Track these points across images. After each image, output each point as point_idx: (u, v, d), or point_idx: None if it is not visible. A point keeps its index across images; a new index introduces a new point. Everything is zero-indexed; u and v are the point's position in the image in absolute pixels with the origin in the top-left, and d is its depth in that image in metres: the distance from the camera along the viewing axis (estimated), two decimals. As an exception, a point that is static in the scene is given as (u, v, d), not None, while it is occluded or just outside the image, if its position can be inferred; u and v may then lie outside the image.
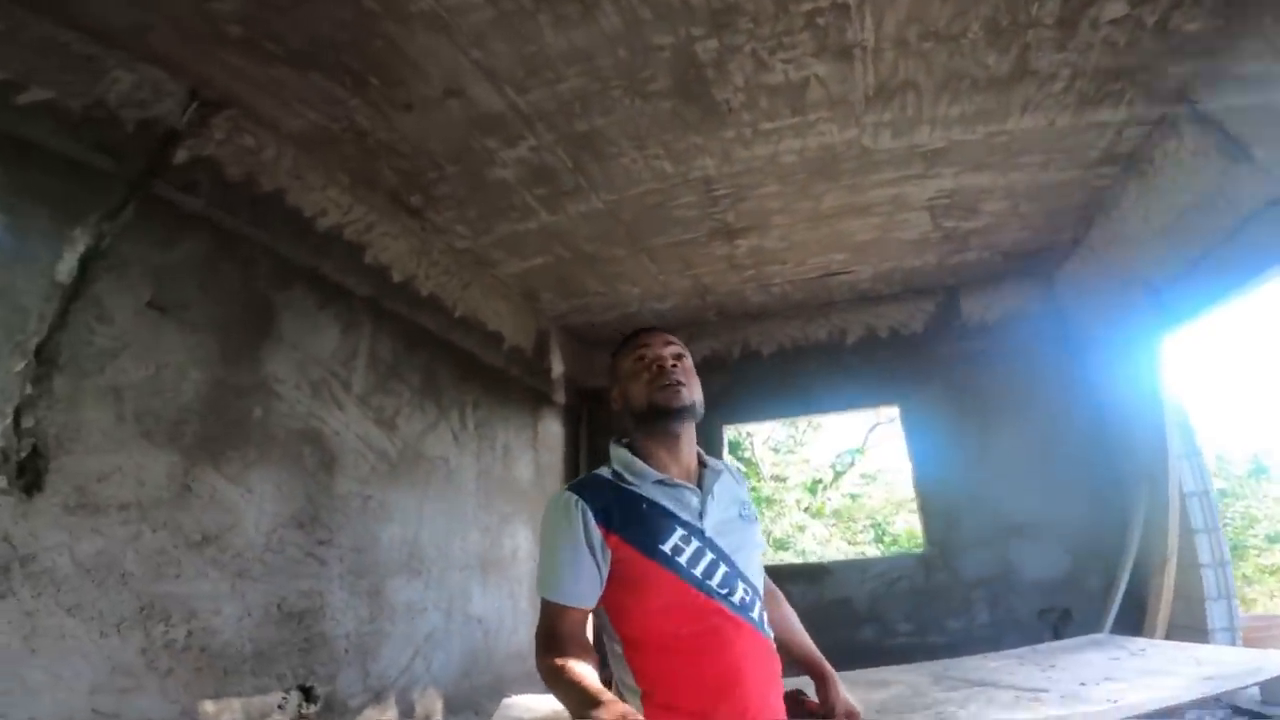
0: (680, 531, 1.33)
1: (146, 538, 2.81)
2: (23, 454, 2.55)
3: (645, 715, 1.17)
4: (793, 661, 1.56)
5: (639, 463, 1.39)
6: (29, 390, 2.59)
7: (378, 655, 3.63)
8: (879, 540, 10.99)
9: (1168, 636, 3.96)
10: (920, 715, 2.79)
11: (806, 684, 1.55)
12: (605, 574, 1.30)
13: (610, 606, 1.33)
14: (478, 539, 4.67)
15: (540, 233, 4.28)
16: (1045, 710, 2.61)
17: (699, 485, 1.42)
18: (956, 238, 4.54)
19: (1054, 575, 4.78)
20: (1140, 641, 3.76)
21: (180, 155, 3.01)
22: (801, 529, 11.02)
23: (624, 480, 1.39)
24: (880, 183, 3.84)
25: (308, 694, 3.26)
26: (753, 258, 4.64)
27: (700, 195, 3.89)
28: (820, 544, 10.99)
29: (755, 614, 1.34)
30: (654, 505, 1.35)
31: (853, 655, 4.68)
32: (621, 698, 1.26)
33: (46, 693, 2.41)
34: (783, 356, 5.66)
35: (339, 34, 2.64)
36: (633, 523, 1.32)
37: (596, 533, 1.30)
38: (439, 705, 4.01)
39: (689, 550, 1.31)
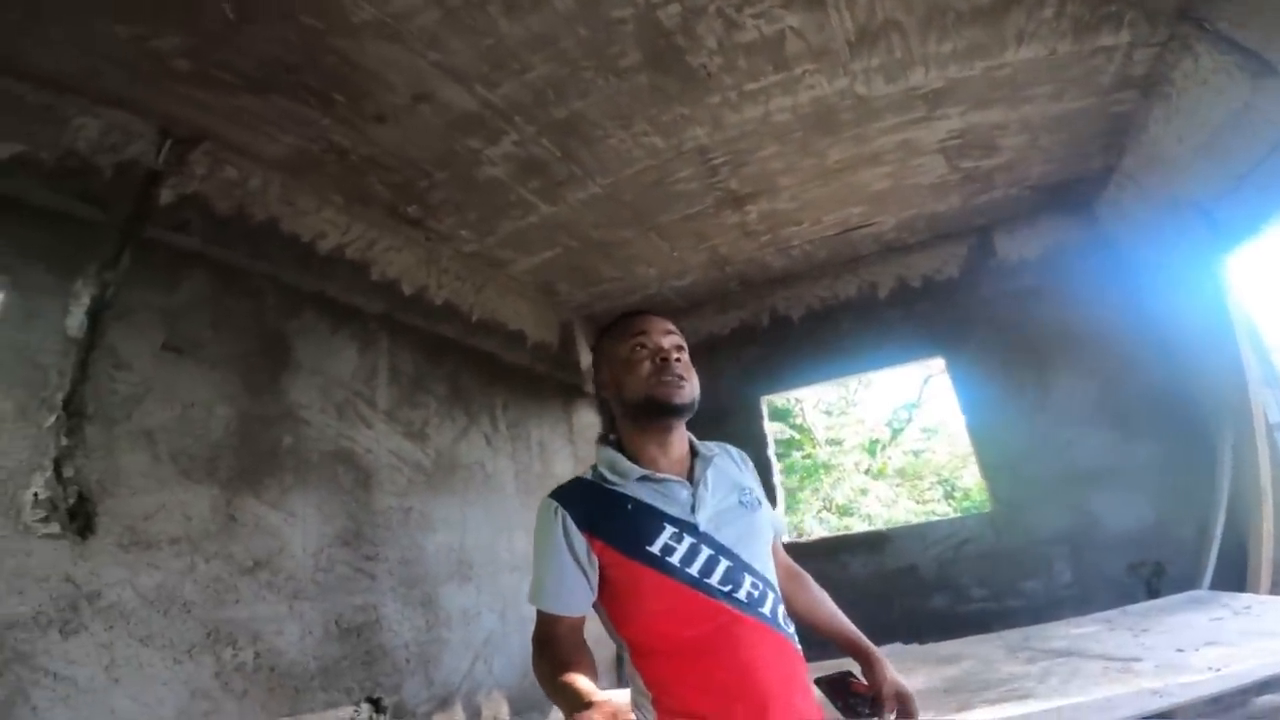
0: (670, 530, 1.24)
1: (201, 568, 2.94)
2: (70, 501, 2.69)
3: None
4: (834, 645, 1.45)
5: (623, 460, 1.31)
6: (64, 442, 2.71)
7: (439, 662, 3.71)
8: (948, 497, 10.59)
9: (1276, 589, 3.61)
10: (993, 693, 2.61)
11: (855, 665, 1.43)
12: (595, 580, 1.24)
13: (610, 611, 1.27)
14: (524, 539, 4.71)
15: (543, 226, 4.23)
16: (1138, 682, 2.37)
17: (691, 477, 1.32)
18: (978, 177, 4.26)
19: (1139, 526, 4.39)
20: (1245, 598, 3.42)
21: (165, 195, 3.07)
22: (864, 492, 10.72)
23: (606, 481, 1.31)
24: (884, 130, 3.63)
25: (376, 705, 3.35)
26: (766, 222, 4.47)
27: (698, 166, 3.75)
28: (886, 506, 10.68)
29: (767, 609, 1.23)
30: (639, 504, 1.27)
31: (924, 626, 4.51)
32: (636, 704, 1.22)
33: None
34: (814, 319, 5.46)
35: (288, 55, 2.62)
36: (617, 525, 1.25)
37: (581, 539, 1.24)
38: (504, 708, 4.07)
39: (681, 548, 1.22)
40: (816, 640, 1.43)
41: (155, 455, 2.94)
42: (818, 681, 1.41)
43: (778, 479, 5.48)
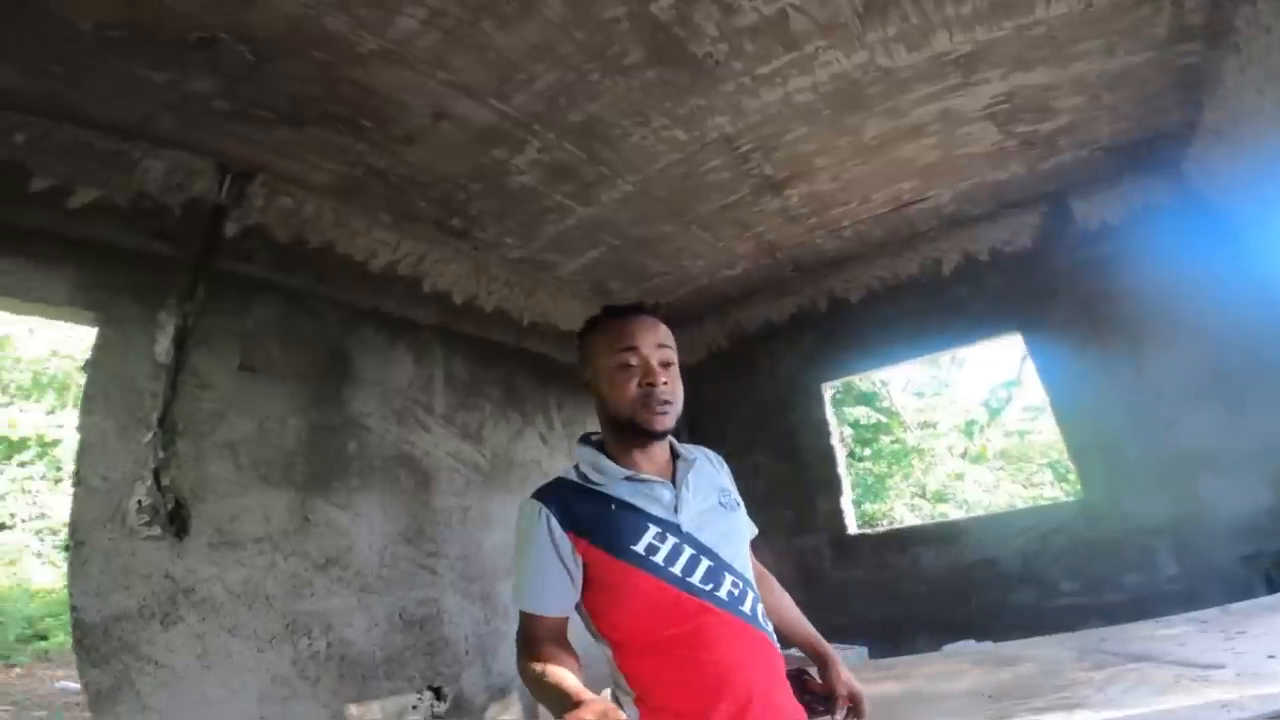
0: (654, 529, 1.24)
1: (280, 565, 3.27)
2: (169, 506, 3.05)
3: (641, 719, 1.17)
4: (795, 646, 1.47)
5: (606, 461, 1.31)
6: (160, 455, 3.07)
7: (496, 654, 3.90)
8: (1061, 480, 9.74)
9: None
10: (1040, 701, 2.44)
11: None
12: (578, 579, 1.26)
13: (591, 611, 1.28)
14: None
15: (583, 227, 4.30)
16: (1208, 693, 2.13)
17: (673, 478, 1.33)
18: (1039, 142, 3.92)
19: (1254, 511, 3.88)
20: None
21: (230, 229, 3.40)
22: (960, 477, 10.08)
23: (590, 481, 1.30)
24: (918, 101, 3.42)
25: (438, 693, 3.59)
26: (809, 205, 4.32)
27: (726, 155, 3.68)
28: (987, 491, 10.01)
29: (747, 608, 1.24)
30: (623, 504, 1.27)
31: (1005, 623, 4.24)
32: (617, 702, 1.25)
33: (224, 704, 2.93)
34: (875, 300, 5.21)
35: (309, 88, 2.83)
36: (601, 525, 1.25)
37: (565, 539, 1.24)
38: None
39: (665, 548, 1.23)
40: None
41: (238, 464, 3.27)
42: (790, 675, 1.44)
43: (843, 468, 5.29)
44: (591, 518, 1.26)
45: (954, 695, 2.66)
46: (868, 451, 10.81)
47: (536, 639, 1.26)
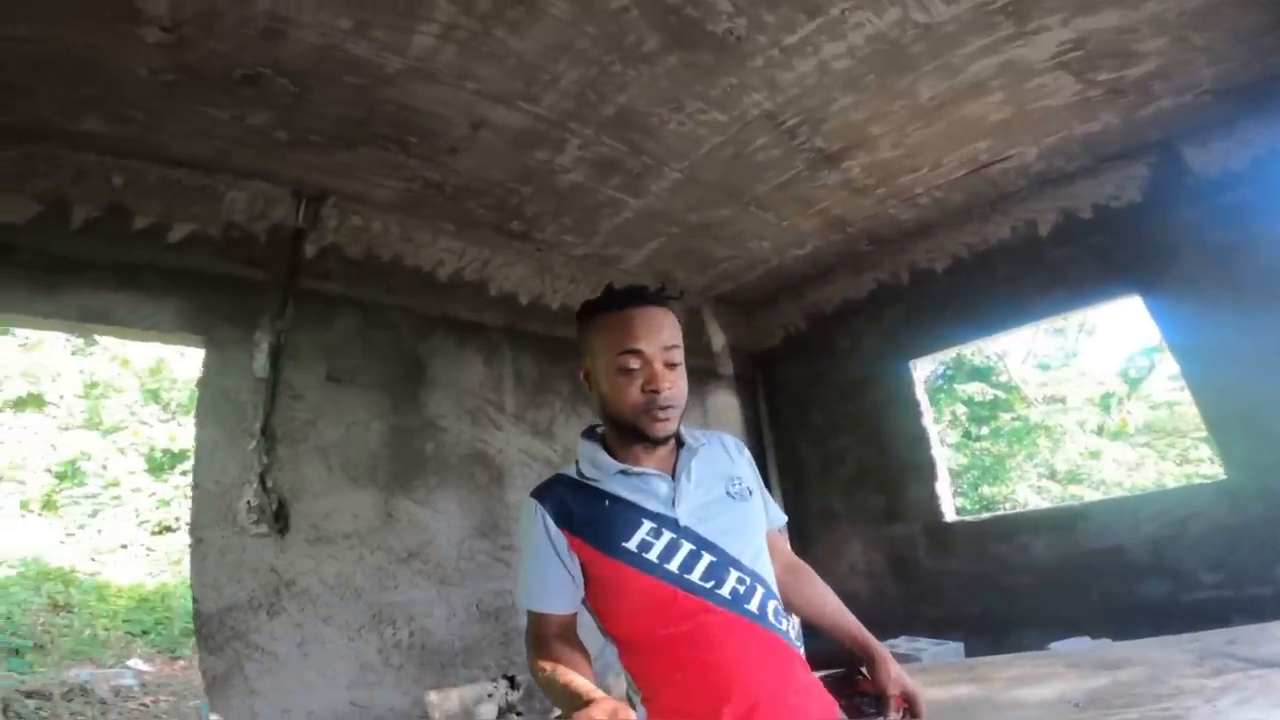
0: (648, 525, 1.20)
1: (368, 558, 3.54)
2: (273, 506, 3.38)
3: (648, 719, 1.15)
4: (837, 643, 1.38)
5: (603, 455, 1.28)
6: (264, 460, 3.40)
7: None
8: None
9: None
10: (1136, 712, 2.17)
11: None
12: (578, 577, 1.24)
13: (596, 609, 1.28)
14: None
15: (639, 219, 4.29)
16: None
17: (674, 470, 1.27)
18: (1127, 89, 3.43)
19: None
20: None
21: (309, 250, 3.69)
22: (1095, 455, 9.07)
23: (586, 477, 1.29)
24: (972, 55, 3.09)
25: (511, 682, 3.77)
26: (873, 175, 4.04)
27: (771, 132, 3.52)
28: (1130, 470, 8.95)
29: (754, 605, 1.17)
30: (617, 500, 1.24)
31: (1132, 618, 3.85)
32: (629, 701, 1.24)
33: (319, 689, 3.21)
34: (963, 269, 4.78)
35: (352, 111, 3.00)
36: (594, 522, 1.23)
37: (561, 537, 1.23)
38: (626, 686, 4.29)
39: (660, 544, 1.19)
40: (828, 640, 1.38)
41: (328, 466, 3.57)
42: (825, 678, 1.37)
43: (937, 451, 4.93)
44: (586, 515, 1.24)
45: (1034, 703, 2.42)
46: (984, 430, 10.00)
47: (544, 637, 1.27)
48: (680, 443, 1.31)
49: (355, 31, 2.56)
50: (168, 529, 8.51)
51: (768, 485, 1.39)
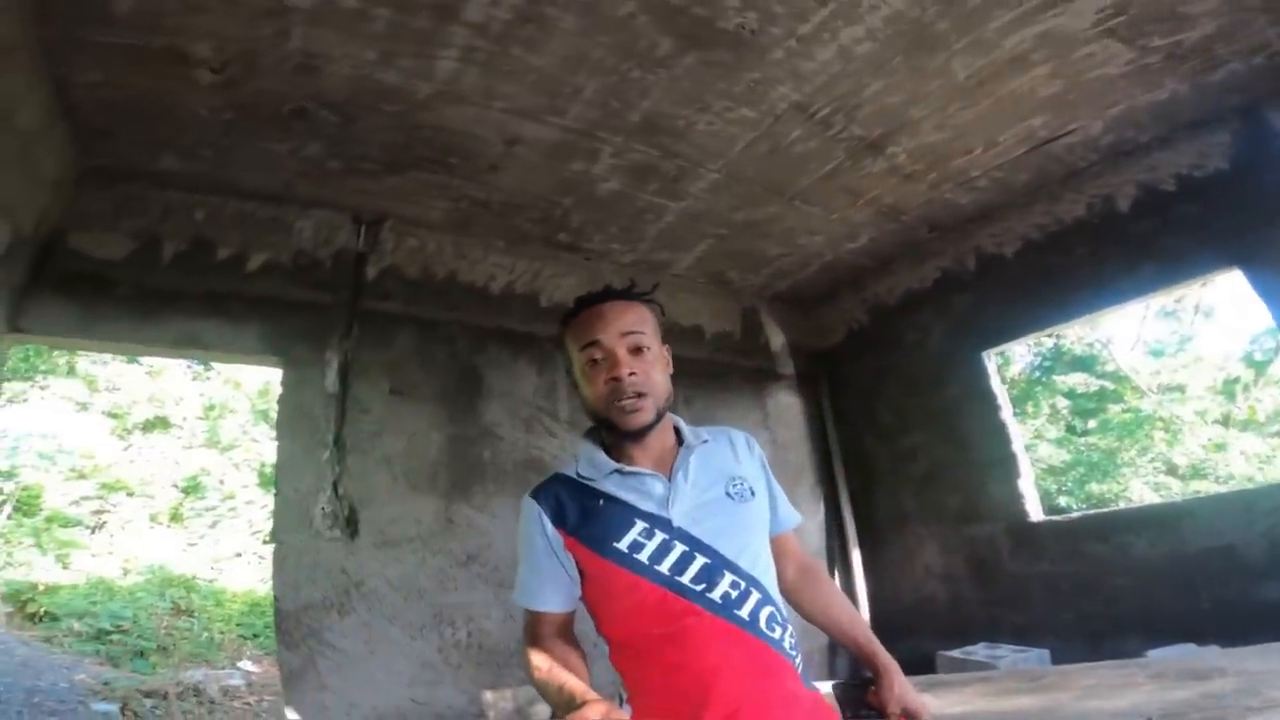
0: (640, 525, 1.19)
1: (430, 561, 3.72)
2: (345, 512, 3.62)
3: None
4: (847, 652, 1.38)
5: (600, 455, 1.28)
6: (336, 469, 3.65)
7: None
8: None
9: None
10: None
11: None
12: (574, 576, 1.25)
13: (590, 608, 1.30)
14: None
15: (683, 222, 4.29)
16: None
17: (671, 469, 1.26)
18: (1189, 54, 3.12)
19: None
20: None
21: (370, 272, 3.93)
22: (1220, 447, 8.14)
23: (583, 476, 1.28)
24: (1005, 29, 2.90)
25: None
26: (923, 160, 3.84)
27: (805, 124, 3.43)
28: (1261, 463, 7.98)
29: (745, 611, 1.14)
30: (611, 500, 1.23)
31: (1247, 623, 3.46)
32: (619, 700, 1.25)
33: (383, 686, 3.39)
34: (1035, 250, 4.43)
35: (394, 137, 3.19)
36: (587, 521, 1.23)
37: (556, 536, 1.24)
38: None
39: (652, 544, 1.18)
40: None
41: (393, 475, 3.78)
42: (835, 687, 1.34)
43: (1019, 445, 4.60)
44: (579, 514, 1.25)
45: (1101, 716, 2.21)
46: (1091, 424, 9.22)
47: (539, 636, 1.28)
48: (680, 441, 1.30)
49: (382, 61, 2.73)
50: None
51: (833, 485, 1.34)
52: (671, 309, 5.08)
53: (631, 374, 1.21)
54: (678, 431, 1.32)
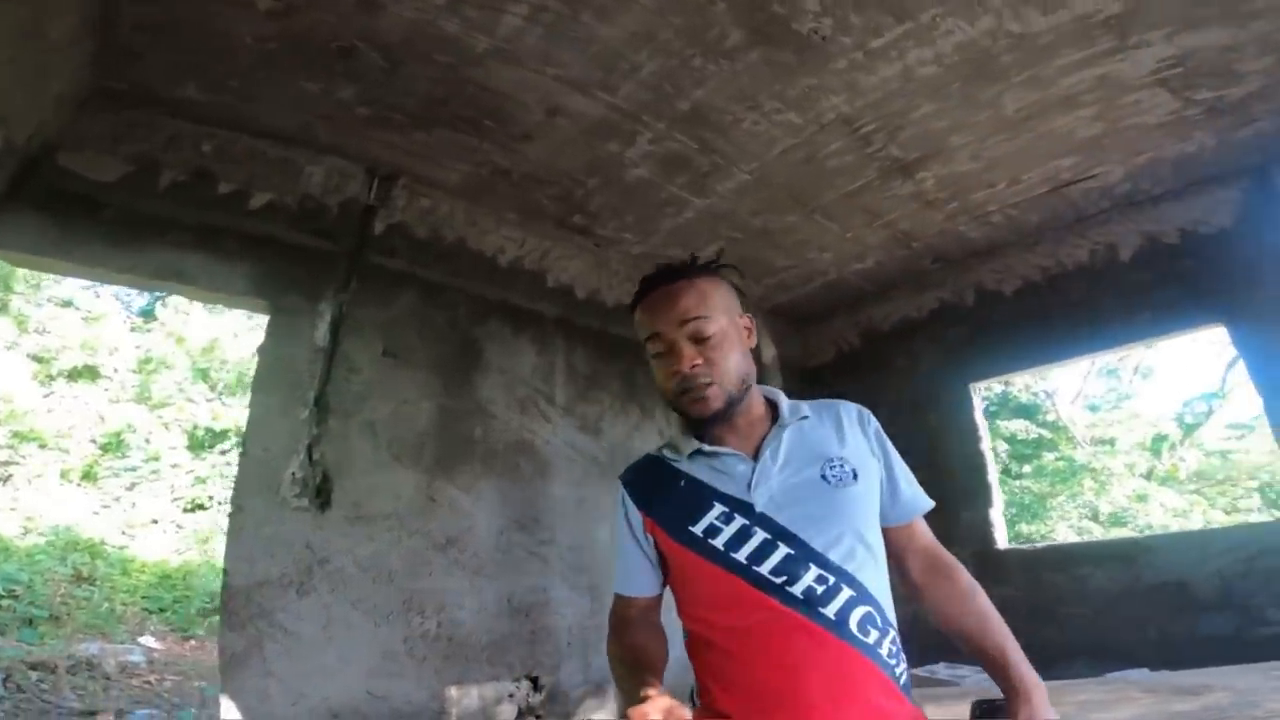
0: (719, 509, 1.11)
1: (405, 542, 3.46)
2: (317, 479, 3.33)
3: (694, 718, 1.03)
4: (982, 667, 1.15)
5: (685, 434, 1.22)
6: (314, 431, 3.37)
7: (598, 649, 3.88)
8: (1273, 505, 8.15)
9: None
10: (1236, 734, 2.00)
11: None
12: (655, 559, 1.20)
13: (674, 594, 1.21)
14: (701, 531, 4.75)
15: (701, 220, 4.25)
16: None
17: (759, 447, 1.16)
18: (1226, 110, 3.30)
19: None
20: None
21: (378, 226, 3.72)
22: (1142, 498, 8.74)
23: (668, 456, 1.23)
24: (1066, 68, 3.00)
25: (535, 683, 3.63)
26: (947, 189, 3.94)
27: (847, 138, 3.46)
28: (1176, 515, 8.60)
29: (831, 610, 1.03)
30: (691, 481, 1.16)
31: (1192, 654, 3.66)
32: (692, 694, 1.18)
33: (338, 675, 3.08)
34: (1033, 291, 4.62)
35: (437, 91, 3.02)
36: (667, 503, 1.17)
37: (638, 517, 1.20)
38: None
39: (729, 530, 1.09)
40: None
41: (376, 443, 3.53)
42: (975, 705, 1.16)
43: (994, 477, 4.76)
44: (661, 496, 1.19)
45: (1112, 730, 2.26)
46: (1027, 469, 9.73)
47: (623, 621, 1.23)
48: (775, 417, 1.21)
49: (449, 7, 2.58)
50: (200, 507, 8.62)
51: None
52: (672, 307, 5.03)
53: (694, 366, 1.13)
54: (775, 407, 1.24)
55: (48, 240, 2.91)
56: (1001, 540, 4.58)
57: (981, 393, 5.03)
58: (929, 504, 1.24)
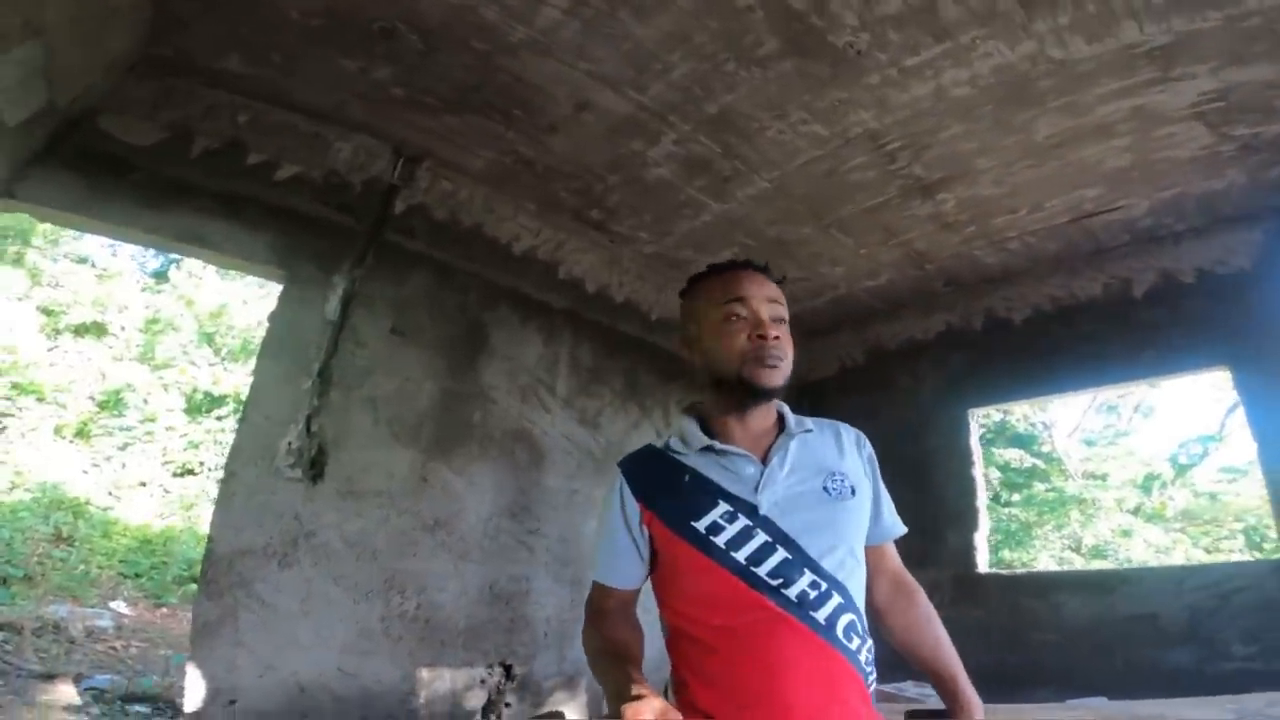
0: (723, 507, 1.13)
1: (393, 520, 3.47)
2: (313, 451, 3.33)
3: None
4: (931, 682, 1.26)
5: (694, 429, 1.23)
6: (315, 402, 3.37)
7: (574, 642, 3.88)
8: (1255, 547, 8.20)
9: None
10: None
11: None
12: (646, 552, 1.21)
13: (657, 589, 1.23)
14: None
15: (717, 224, 4.25)
16: None
17: (767, 453, 1.20)
18: (1262, 147, 3.29)
19: None
20: None
21: (399, 206, 3.74)
22: (1126, 533, 8.78)
23: (673, 450, 1.24)
24: (1105, 97, 2.98)
25: (508, 671, 3.65)
26: (967, 212, 3.94)
27: (871, 154, 3.46)
28: (1159, 552, 8.63)
29: (822, 615, 1.07)
30: (697, 476, 1.18)
31: (1154, 685, 3.68)
32: (665, 691, 1.19)
33: (310, 650, 3.08)
34: (1042, 320, 4.61)
35: (470, 77, 3.04)
36: (670, 496, 1.18)
37: (635, 508, 1.20)
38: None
39: (731, 529, 1.11)
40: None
41: (376, 419, 3.54)
42: (909, 714, 1.26)
43: (982, 502, 4.77)
44: (663, 488, 1.19)
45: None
46: (1016, 497, 9.76)
47: (602, 611, 1.23)
48: (782, 426, 1.24)
49: (490, -6, 2.58)
50: (189, 472, 8.59)
51: None
52: (673, 309, 5.04)
53: (776, 337, 1.17)
54: (781, 417, 1.27)
55: (74, 197, 2.95)
56: (983, 564, 4.61)
57: (979, 419, 5.02)
58: (903, 530, 1.33)
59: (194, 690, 2.80)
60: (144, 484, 8.15)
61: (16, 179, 2.77)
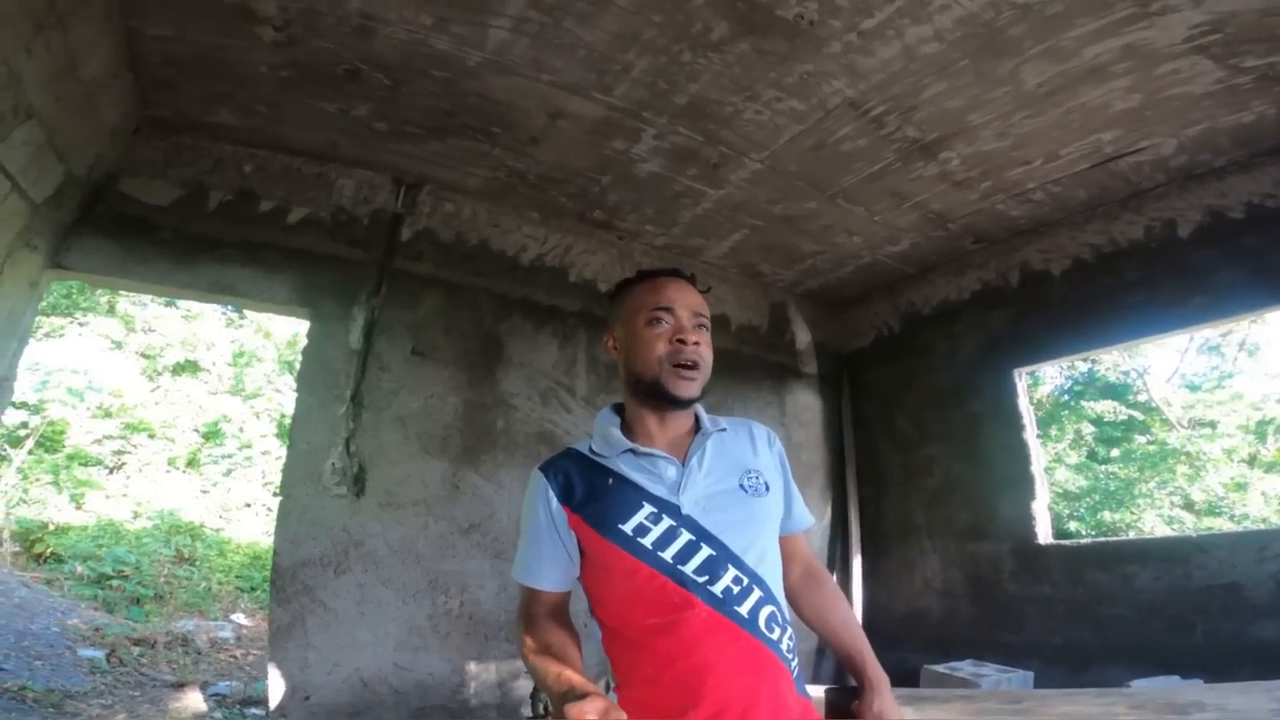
0: (648, 509, 1.16)
1: (431, 526, 3.72)
2: (354, 470, 3.63)
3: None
4: (839, 660, 1.30)
5: (615, 432, 1.26)
6: (351, 425, 3.66)
7: None
8: None
9: None
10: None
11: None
12: (574, 555, 1.24)
13: (587, 590, 1.27)
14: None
15: (720, 210, 4.21)
16: None
17: (686, 454, 1.23)
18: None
19: None
20: None
21: (405, 233, 3.94)
22: (1241, 486, 7.94)
23: (596, 453, 1.26)
24: (1085, 38, 2.75)
25: None
26: (976, 168, 3.70)
27: (856, 122, 3.32)
28: (1280, 506, 7.76)
29: (745, 608, 1.11)
30: (620, 479, 1.20)
31: (1237, 660, 3.43)
32: (607, 686, 1.25)
33: (369, 648, 3.40)
34: (1083, 271, 4.27)
35: (441, 103, 3.16)
36: (595, 500, 1.20)
37: (561, 513, 1.22)
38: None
39: (657, 530, 1.15)
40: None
41: (406, 435, 3.78)
42: (826, 692, 1.34)
43: (1038, 467, 4.49)
44: (587, 492, 1.22)
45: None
46: (1115, 453, 9.02)
47: (534, 615, 1.27)
48: (698, 427, 1.27)
49: (436, 27, 2.69)
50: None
51: (843, 490, 1.30)
52: (699, 297, 5.02)
53: (695, 343, 1.22)
54: (696, 419, 1.29)
55: (113, 261, 3.30)
56: (1044, 535, 4.33)
57: (1026, 378, 4.72)
58: (812, 521, 1.37)
59: (275, 689, 3.18)
60: (249, 505, 8.94)
61: (61, 250, 3.14)
